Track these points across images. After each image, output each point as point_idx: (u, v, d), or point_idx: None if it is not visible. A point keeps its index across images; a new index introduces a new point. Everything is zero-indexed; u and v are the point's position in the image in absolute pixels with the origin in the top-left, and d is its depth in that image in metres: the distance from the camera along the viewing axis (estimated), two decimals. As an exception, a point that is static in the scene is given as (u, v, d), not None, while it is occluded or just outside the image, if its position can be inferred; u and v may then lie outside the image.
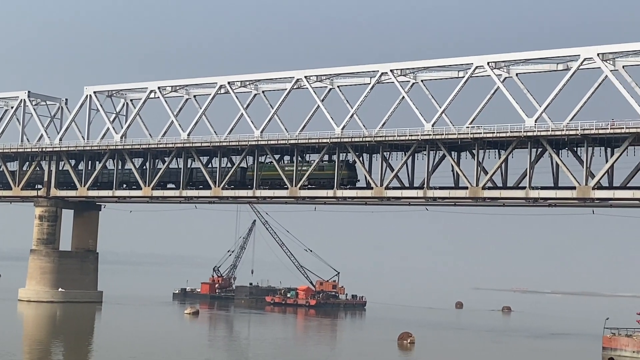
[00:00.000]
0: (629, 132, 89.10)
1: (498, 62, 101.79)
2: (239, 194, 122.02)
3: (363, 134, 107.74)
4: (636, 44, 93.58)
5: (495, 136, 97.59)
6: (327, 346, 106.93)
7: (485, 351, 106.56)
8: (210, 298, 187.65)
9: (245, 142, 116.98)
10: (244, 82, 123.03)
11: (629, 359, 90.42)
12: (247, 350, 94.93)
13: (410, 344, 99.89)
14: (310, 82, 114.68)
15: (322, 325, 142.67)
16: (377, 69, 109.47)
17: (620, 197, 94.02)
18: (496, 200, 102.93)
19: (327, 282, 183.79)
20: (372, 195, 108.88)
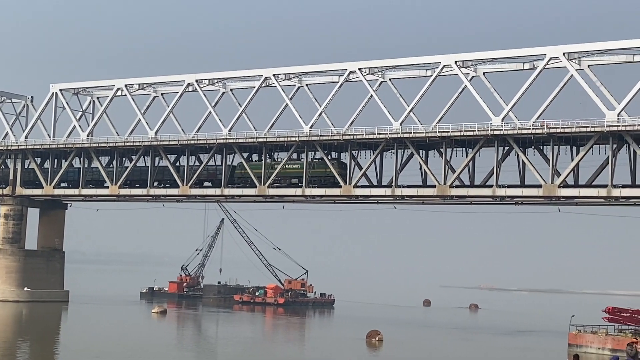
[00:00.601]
0: (594, 131, 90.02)
1: (465, 61, 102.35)
2: (207, 192, 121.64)
3: (331, 132, 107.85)
4: (601, 44, 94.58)
5: (463, 135, 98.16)
6: (295, 345, 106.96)
7: (453, 349, 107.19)
8: (178, 297, 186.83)
9: (213, 140, 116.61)
10: (212, 80, 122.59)
11: (594, 356, 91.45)
12: (215, 350, 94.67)
13: (379, 342, 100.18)
14: (279, 80, 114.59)
15: (291, 323, 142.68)
16: (346, 67, 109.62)
17: (585, 195, 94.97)
18: (464, 198, 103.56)
19: (295, 281, 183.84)
20: (340, 194, 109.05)
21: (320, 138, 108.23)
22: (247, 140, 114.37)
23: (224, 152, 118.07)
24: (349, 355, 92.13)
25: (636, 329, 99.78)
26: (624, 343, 34.62)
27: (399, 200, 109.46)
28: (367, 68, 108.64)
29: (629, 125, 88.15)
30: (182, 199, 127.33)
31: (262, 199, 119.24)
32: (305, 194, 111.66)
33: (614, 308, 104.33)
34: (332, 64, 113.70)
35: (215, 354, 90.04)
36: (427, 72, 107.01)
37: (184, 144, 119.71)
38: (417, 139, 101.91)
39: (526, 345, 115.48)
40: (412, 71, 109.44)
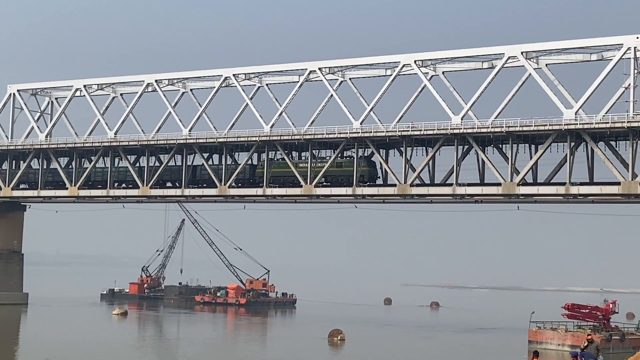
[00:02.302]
0: (552, 130, 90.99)
1: (425, 61, 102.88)
2: (168, 192, 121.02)
3: (292, 132, 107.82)
4: (558, 43, 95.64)
5: (423, 134, 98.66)
6: (257, 345, 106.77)
7: (414, 347, 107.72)
8: (138, 298, 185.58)
9: (173, 140, 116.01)
10: (171, 81, 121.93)
11: (554, 352, 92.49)
12: (177, 351, 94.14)
13: (341, 341, 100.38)
14: (239, 80, 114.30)
15: (253, 323, 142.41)
16: (306, 67, 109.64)
17: (544, 193, 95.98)
18: (424, 197, 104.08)
19: (257, 281, 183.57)
20: (301, 193, 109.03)
21: (281, 138, 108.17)
22: (208, 140, 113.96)
23: (184, 153, 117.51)
24: (311, 354, 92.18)
25: (595, 325, 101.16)
26: (583, 339, 34.98)
27: (360, 200, 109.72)
28: (327, 68, 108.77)
29: (586, 124, 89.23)
30: (142, 199, 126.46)
31: (223, 199, 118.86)
32: (266, 193, 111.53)
33: (573, 304, 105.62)
34: (292, 64, 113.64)
35: (176, 355, 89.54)
36: (386, 71, 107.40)
37: (143, 144, 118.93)
38: (377, 138, 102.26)
39: (487, 342, 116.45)
40: (372, 70, 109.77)
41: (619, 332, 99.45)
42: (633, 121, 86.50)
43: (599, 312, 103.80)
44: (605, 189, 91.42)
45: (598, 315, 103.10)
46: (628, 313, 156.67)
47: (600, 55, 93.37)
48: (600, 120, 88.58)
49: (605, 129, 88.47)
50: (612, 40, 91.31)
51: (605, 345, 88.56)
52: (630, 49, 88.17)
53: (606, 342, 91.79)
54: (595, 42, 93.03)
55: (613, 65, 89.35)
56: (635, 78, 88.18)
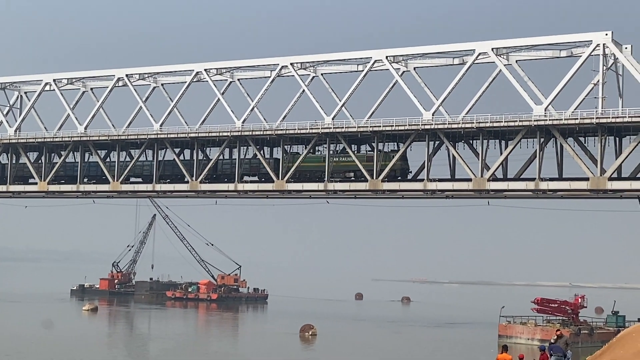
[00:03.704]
0: (522, 125, 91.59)
1: (396, 56, 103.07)
2: (138, 188, 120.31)
3: (264, 127, 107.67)
4: (529, 39, 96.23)
5: (394, 129, 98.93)
6: (229, 340, 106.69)
7: (386, 341, 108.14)
8: (109, 294, 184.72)
9: (144, 135, 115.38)
10: (142, 75, 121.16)
11: (523, 346, 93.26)
12: (148, 347, 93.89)
13: (312, 336, 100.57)
14: (210, 75, 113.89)
15: (224, 319, 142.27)
16: (277, 62, 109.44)
17: (513, 189, 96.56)
18: (395, 192, 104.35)
19: (228, 276, 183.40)
20: (273, 189, 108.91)
21: (253, 133, 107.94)
22: (179, 136, 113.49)
23: (155, 148, 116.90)
24: (283, 349, 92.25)
25: (564, 320, 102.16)
26: (552, 333, 35.44)
27: (332, 195, 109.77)
28: (299, 63, 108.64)
29: (556, 120, 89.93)
30: (112, 195, 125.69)
31: (194, 194, 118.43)
32: (237, 189, 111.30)
33: (542, 299, 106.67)
34: (263, 59, 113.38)
35: (147, 351, 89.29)
36: (358, 67, 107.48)
37: (114, 139, 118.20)
38: (349, 133, 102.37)
39: (457, 337, 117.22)
40: (344, 66, 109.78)
41: (588, 327, 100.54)
42: (602, 117, 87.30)
43: (568, 306, 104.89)
44: (574, 184, 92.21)
45: (567, 310, 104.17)
46: (597, 307, 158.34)
47: (570, 51, 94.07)
48: (569, 117, 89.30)
49: (575, 125, 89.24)
50: (582, 37, 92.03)
51: (574, 339, 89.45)
52: (599, 46, 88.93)
53: (575, 336, 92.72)
54: (564, 39, 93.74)
55: (582, 61, 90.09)
56: (604, 75, 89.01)
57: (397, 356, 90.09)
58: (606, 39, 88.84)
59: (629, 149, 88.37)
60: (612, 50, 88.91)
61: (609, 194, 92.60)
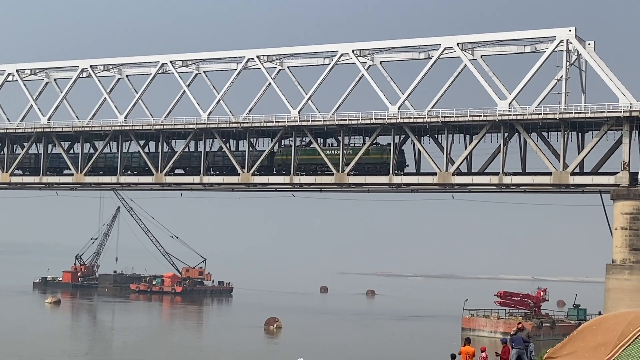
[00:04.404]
0: (487, 120, 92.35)
1: (362, 50, 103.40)
2: (102, 180, 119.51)
3: (230, 120, 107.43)
4: (493, 35, 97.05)
5: (360, 123, 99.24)
6: (193, 333, 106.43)
7: (350, 334, 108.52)
8: (72, 287, 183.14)
9: (108, 127, 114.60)
10: (107, 66, 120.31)
11: (486, 339, 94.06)
12: (111, 340, 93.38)
13: (277, 329, 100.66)
14: (176, 67, 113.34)
15: (188, 312, 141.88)
16: (244, 55, 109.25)
17: (478, 183, 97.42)
18: (361, 186, 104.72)
19: (193, 269, 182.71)
20: (239, 182, 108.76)
21: (219, 126, 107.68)
22: (144, 128, 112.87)
23: (119, 140, 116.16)
24: (247, 342, 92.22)
25: (526, 313, 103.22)
26: (514, 326, 35.82)
27: (297, 188, 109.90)
28: (265, 56, 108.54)
29: (520, 115, 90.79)
30: (76, 187, 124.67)
31: (159, 187, 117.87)
32: (203, 181, 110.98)
33: (505, 292, 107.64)
34: (230, 51, 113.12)
35: (111, 344, 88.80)
36: (325, 60, 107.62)
37: (78, 130, 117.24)
38: (315, 127, 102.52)
39: (421, 329, 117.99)
40: (311, 59, 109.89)
41: (550, 320, 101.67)
42: (565, 113, 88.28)
43: (531, 299, 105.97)
44: (537, 179, 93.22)
45: (529, 303, 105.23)
46: (559, 301, 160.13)
47: (534, 47, 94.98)
48: (533, 112, 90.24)
49: (538, 120, 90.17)
50: (546, 32, 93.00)
51: (536, 332, 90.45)
52: (563, 42, 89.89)
53: (537, 329, 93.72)
54: (529, 35, 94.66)
55: (546, 57, 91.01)
56: (568, 70, 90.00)
57: (362, 349, 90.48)
58: (570, 35, 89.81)
59: (591, 144, 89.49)
60: (575, 46, 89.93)
61: (572, 189, 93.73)
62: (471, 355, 35.30)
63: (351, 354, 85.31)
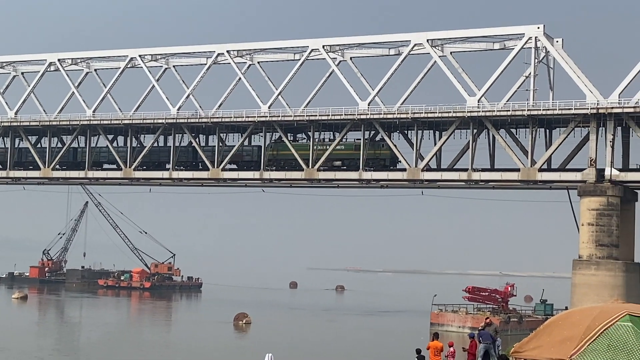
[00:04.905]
0: (456, 117, 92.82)
1: (333, 46, 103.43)
2: (70, 175, 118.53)
3: (199, 114, 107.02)
4: (463, 31, 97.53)
5: (330, 119, 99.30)
6: (161, 328, 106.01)
7: (319, 330, 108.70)
8: (39, 282, 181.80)
9: (76, 121, 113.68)
10: (75, 60, 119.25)
11: (454, 334, 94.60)
12: (78, 335, 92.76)
13: (246, 325, 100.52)
14: (145, 61, 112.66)
15: (157, 307, 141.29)
16: (214, 49, 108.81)
17: (447, 179, 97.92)
18: (331, 181, 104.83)
19: (162, 265, 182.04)
20: (208, 177, 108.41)
21: (188, 120, 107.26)
22: (112, 122, 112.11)
23: (88, 134, 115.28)
24: (216, 338, 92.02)
25: (494, 308, 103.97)
26: (482, 321, 36.09)
27: (267, 184, 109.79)
28: (235, 50, 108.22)
29: (489, 111, 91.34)
30: (43, 181, 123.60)
31: (128, 182, 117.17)
32: (172, 177, 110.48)
33: (473, 288, 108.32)
34: (199, 46, 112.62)
35: (78, 340, 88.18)
36: (295, 55, 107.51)
37: (45, 125, 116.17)
38: (285, 122, 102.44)
39: (390, 325, 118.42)
40: (281, 54, 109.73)
41: (517, 315, 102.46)
42: (533, 109, 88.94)
43: (498, 295, 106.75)
44: (505, 175, 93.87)
45: (497, 298, 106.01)
46: (526, 296, 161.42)
47: (503, 44, 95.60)
48: (501, 108, 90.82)
49: (507, 116, 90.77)
50: (514, 29, 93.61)
51: (504, 327, 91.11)
52: (532, 39, 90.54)
53: (504, 324, 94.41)
54: (498, 32, 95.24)
55: (515, 54, 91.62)
56: (536, 67, 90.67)
57: (331, 344, 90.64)
58: (538, 32, 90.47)
59: (558, 141, 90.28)
60: (543, 44, 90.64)
61: (539, 185, 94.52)
62: (439, 350, 35.51)
63: (320, 350, 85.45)
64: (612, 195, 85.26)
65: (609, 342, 24.96)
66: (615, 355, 24.71)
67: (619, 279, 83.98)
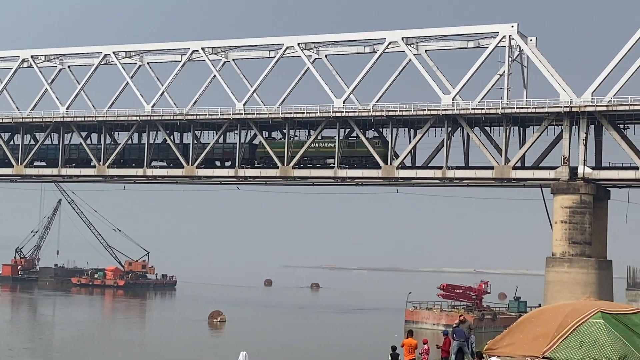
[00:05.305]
0: (430, 115, 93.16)
1: (308, 43, 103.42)
2: (43, 172, 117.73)
3: (174, 112, 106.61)
4: (437, 30, 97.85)
5: (305, 116, 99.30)
6: (135, 326, 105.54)
7: (294, 327, 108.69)
8: (12, 280, 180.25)
9: (49, 118, 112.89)
10: (48, 57, 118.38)
11: (429, 331, 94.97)
12: (51, 334, 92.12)
13: (221, 323, 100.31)
14: (119, 58, 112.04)
15: (131, 305, 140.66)
16: (188, 46, 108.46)
17: (421, 177, 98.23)
18: (306, 179, 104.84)
19: (136, 262, 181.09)
20: (183, 174, 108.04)
21: (162, 118, 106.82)
22: (86, 119, 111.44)
23: (61, 131, 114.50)
24: (191, 336, 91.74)
25: (468, 305, 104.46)
26: (457, 318, 36.28)
27: (242, 181, 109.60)
28: (210, 48, 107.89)
29: (463, 109, 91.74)
30: (16, 179, 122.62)
31: (102, 179, 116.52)
32: (146, 174, 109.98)
33: (448, 285, 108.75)
34: (174, 43, 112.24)
35: (51, 339, 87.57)
36: (270, 53, 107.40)
37: (18, 122, 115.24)
38: (260, 120, 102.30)
39: (365, 322, 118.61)
40: (256, 52, 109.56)
41: (491, 312, 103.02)
42: (507, 108, 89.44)
43: (472, 292, 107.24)
44: (479, 173, 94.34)
45: (471, 296, 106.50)
46: (500, 293, 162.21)
47: (477, 42, 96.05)
48: (475, 107, 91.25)
49: (481, 115, 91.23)
50: (489, 28, 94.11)
51: (478, 324, 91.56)
52: (506, 38, 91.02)
53: (478, 321, 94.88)
54: (472, 30, 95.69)
55: (489, 53, 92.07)
56: (510, 66, 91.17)
57: (305, 342, 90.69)
58: (512, 31, 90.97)
59: (532, 139, 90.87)
60: (517, 42, 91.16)
61: (513, 183, 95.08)
62: (413, 347, 35.60)
63: (294, 347, 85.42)
64: (585, 193, 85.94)
65: (581, 339, 25.18)
66: (588, 352, 24.93)
67: (592, 277, 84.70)
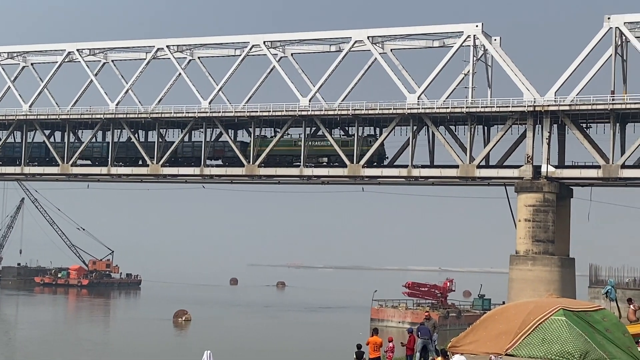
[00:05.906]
0: (396, 113, 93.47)
1: (274, 42, 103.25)
2: (6, 170, 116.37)
3: (138, 110, 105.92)
4: (403, 29, 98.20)
5: (271, 115, 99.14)
6: (99, 326, 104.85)
7: (260, 326, 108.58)
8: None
9: (12, 117, 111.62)
10: (11, 54, 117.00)
11: (394, 329, 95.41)
12: (14, 334, 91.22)
13: (186, 322, 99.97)
14: (83, 55, 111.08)
15: (95, 305, 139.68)
16: (153, 44, 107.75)
17: (387, 175, 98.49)
18: (272, 177, 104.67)
19: (100, 261, 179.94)
20: (148, 173, 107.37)
21: (127, 116, 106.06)
22: (49, 117, 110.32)
23: (24, 129, 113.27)
24: (155, 335, 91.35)
25: (433, 303, 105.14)
26: (422, 316, 36.56)
27: (208, 180, 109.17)
28: (175, 46, 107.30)
29: (428, 108, 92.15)
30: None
31: (65, 178, 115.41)
32: (111, 172, 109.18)
33: (413, 283, 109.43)
34: (139, 40, 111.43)
35: (14, 339, 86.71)
36: (236, 51, 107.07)
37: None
38: (226, 118, 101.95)
39: (330, 320, 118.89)
40: (222, 50, 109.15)
41: (456, 310, 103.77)
42: (471, 107, 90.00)
43: (438, 290, 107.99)
44: (444, 171, 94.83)
45: (436, 294, 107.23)
46: (465, 291, 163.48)
47: (442, 42, 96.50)
48: (440, 106, 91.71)
49: (446, 113, 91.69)
50: (454, 27, 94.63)
51: (443, 322, 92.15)
52: (470, 37, 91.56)
53: (443, 319, 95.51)
54: (437, 29, 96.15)
55: (454, 52, 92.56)
56: (474, 65, 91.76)
57: (271, 341, 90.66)
58: (476, 30, 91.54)
59: (496, 138, 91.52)
60: (482, 42, 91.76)
61: (477, 181, 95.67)
62: (379, 345, 35.72)
63: (260, 346, 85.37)
64: (548, 191, 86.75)
65: (544, 335, 25.45)
66: (550, 349, 25.20)
67: (555, 274, 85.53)
